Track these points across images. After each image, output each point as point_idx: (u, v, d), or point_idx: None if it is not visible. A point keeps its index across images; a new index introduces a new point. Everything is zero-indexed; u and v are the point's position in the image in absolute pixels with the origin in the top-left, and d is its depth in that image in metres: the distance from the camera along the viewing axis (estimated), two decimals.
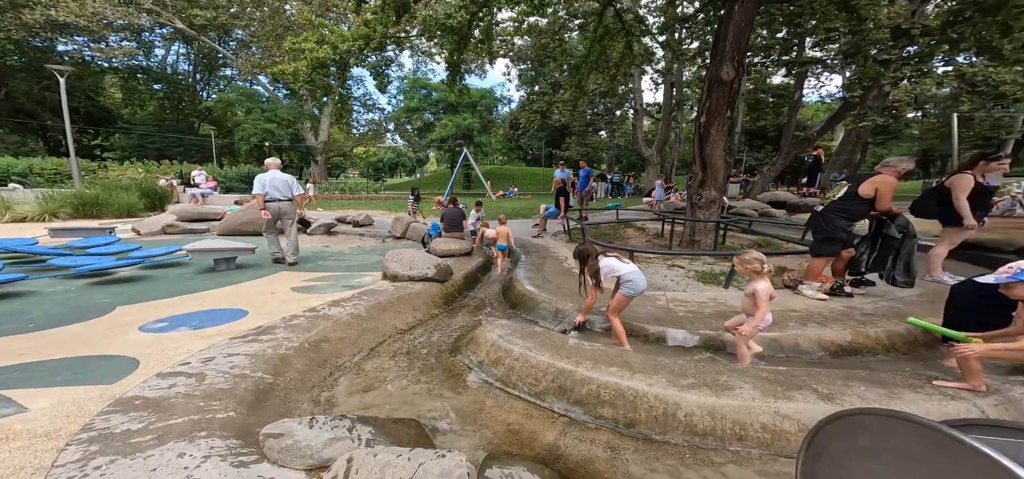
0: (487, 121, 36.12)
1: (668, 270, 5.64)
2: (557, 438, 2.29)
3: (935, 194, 4.45)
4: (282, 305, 4.04)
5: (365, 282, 5.03)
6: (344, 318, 3.70)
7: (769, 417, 2.04)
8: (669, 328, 3.55)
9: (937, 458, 0.85)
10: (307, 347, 3.14)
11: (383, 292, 4.48)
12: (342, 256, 7.00)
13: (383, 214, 14.08)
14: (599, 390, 2.50)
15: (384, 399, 2.76)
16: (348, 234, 10.12)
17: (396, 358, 3.40)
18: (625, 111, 25.41)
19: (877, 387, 2.25)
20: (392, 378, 3.05)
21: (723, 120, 6.60)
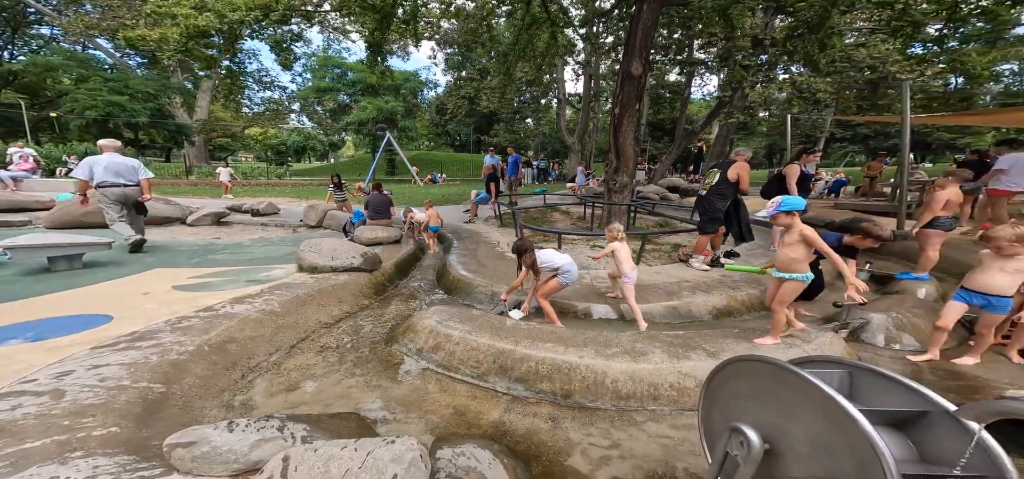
0: (412, 105, 34.30)
1: (591, 250, 6.15)
2: (502, 415, 2.43)
3: (776, 181, 5.63)
4: (163, 307, 3.48)
5: (276, 276, 4.55)
6: (254, 316, 3.33)
7: (675, 377, 2.42)
8: (594, 303, 3.94)
9: (782, 388, 1.09)
10: (208, 350, 2.78)
11: (301, 285, 4.12)
12: (241, 248, 6.19)
13: (290, 202, 12.64)
14: (537, 366, 2.70)
15: (315, 396, 2.60)
16: (246, 224, 8.93)
17: (324, 353, 3.20)
18: (549, 100, 26.29)
19: (744, 341, 2.81)
20: (322, 374, 2.88)
21: (633, 112, 7.30)
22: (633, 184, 8.49)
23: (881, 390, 1.10)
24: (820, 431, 0.98)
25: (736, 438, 1.14)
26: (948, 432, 0.95)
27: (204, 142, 28.77)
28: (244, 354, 2.93)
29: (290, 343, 3.26)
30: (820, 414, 0.98)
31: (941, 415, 0.97)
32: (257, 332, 3.17)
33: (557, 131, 24.04)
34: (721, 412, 1.32)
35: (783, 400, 1.08)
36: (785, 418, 1.07)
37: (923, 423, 1.01)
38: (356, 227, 6.91)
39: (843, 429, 0.93)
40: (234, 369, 2.78)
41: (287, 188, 17.98)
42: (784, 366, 1.11)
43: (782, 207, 2.73)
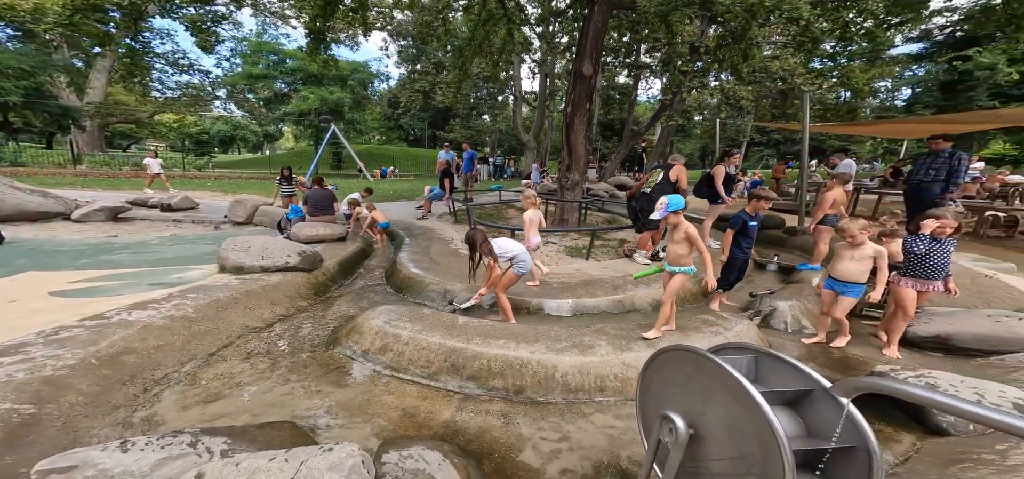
0: (361, 97, 32.41)
1: (543, 246, 6.26)
2: (454, 414, 2.37)
3: (705, 181, 6.14)
4: (33, 316, 2.99)
5: (191, 278, 4.08)
6: (159, 322, 2.92)
7: (619, 368, 2.51)
8: (546, 299, 3.98)
9: (702, 375, 1.15)
10: (95, 363, 2.41)
11: (222, 287, 3.69)
12: (145, 248, 5.48)
13: (214, 196, 11.42)
14: (490, 363, 2.67)
15: (241, 407, 2.34)
16: (155, 221, 7.94)
17: (252, 360, 2.90)
18: (506, 97, 26.30)
19: (678, 332, 2.96)
20: (249, 382, 2.61)
21: (585, 111, 7.51)
22: (584, 182, 8.75)
23: (779, 372, 1.20)
24: (732, 414, 1.05)
25: (666, 425, 1.19)
26: (827, 408, 1.04)
27: (99, 128, 24.77)
28: (146, 365, 2.57)
29: (208, 350, 2.92)
30: (731, 397, 1.05)
31: (821, 392, 1.06)
32: (163, 341, 2.79)
33: (513, 128, 24.15)
34: (654, 400, 1.38)
35: (704, 386, 1.15)
36: (705, 403, 1.13)
37: (809, 401, 1.11)
38: (293, 224, 6.40)
39: (748, 410, 0.99)
40: (132, 383, 2.43)
41: (208, 181, 16.21)
42: (703, 354, 1.17)
43: (669, 208, 2.92)
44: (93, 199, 8.33)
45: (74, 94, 23.82)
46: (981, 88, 15.94)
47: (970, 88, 16.25)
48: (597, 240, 6.54)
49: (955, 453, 1.85)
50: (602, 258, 5.44)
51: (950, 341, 3.12)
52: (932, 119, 7.76)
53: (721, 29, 8.82)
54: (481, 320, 3.18)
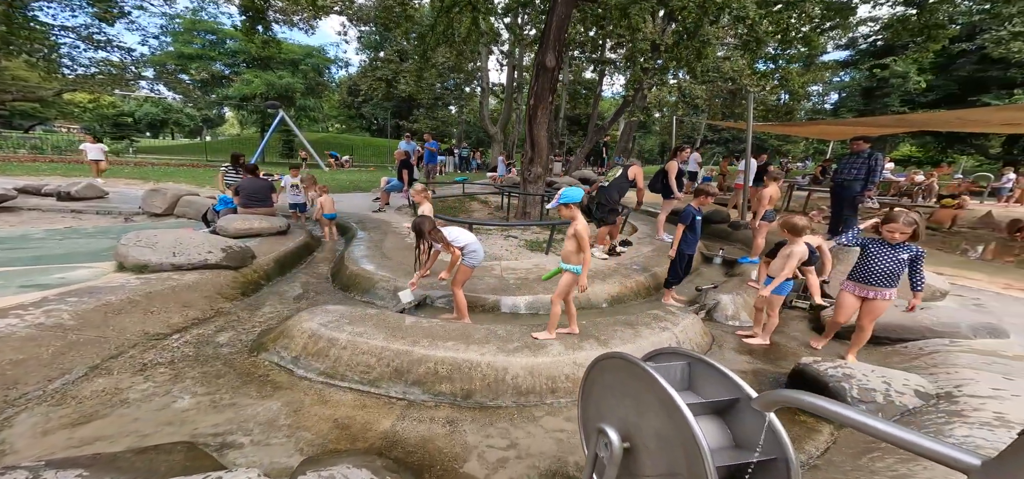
0: (315, 83, 30.33)
1: (504, 240, 6.07)
2: (394, 424, 2.12)
3: (659, 176, 6.27)
4: None
5: (77, 278, 3.49)
6: (20, 332, 2.40)
7: (571, 368, 2.37)
8: (503, 296, 3.80)
9: (635, 384, 1.07)
10: None
11: (116, 289, 3.13)
12: (25, 242, 4.69)
13: (130, 184, 10.17)
14: (437, 367, 2.44)
15: (122, 428, 1.93)
16: (48, 211, 6.88)
17: (147, 372, 2.45)
18: (474, 88, 25.74)
19: (629, 328, 2.85)
20: (139, 399, 2.18)
21: (548, 104, 7.39)
22: (547, 175, 8.67)
23: (711, 380, 1.13)
24: (662, 425, 0.97)
25: (602, 439, 1.09)
26: (752, 417, 0.99)
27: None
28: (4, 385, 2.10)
29: (89, 363, 2.43)
30: (660, 408, 0.97)
31: (747, 402, 1.01)
32: (24, 354, 2.28)
33: (480, 120, 23.74)
34: (595, 409, 1.26)
35: (637, 396, 1.06)
36: (640, 414, 1.04)
37: (736, 410, 1.05)
38: (221, 216, 5.73)
39: (676, 422, 0.92)
40: None
41: (127, 167, 14.43)
42: (635, 362, 1.08)
43: (561, 200, 2.63)
44: None
45: None
46: (894, 94, 17.78)
47: (886, 94, 18.07)
48: (557, 234, 6.48)
49: (868, 442, 1.90)
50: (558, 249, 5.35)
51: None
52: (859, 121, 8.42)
53: (679, 27, 9.04)
54: (431, 320, 2.93)
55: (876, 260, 2.68)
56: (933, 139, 18.48)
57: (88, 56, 25.48)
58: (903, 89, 17.28)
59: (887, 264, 2.65)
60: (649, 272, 4.45)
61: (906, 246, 2.64)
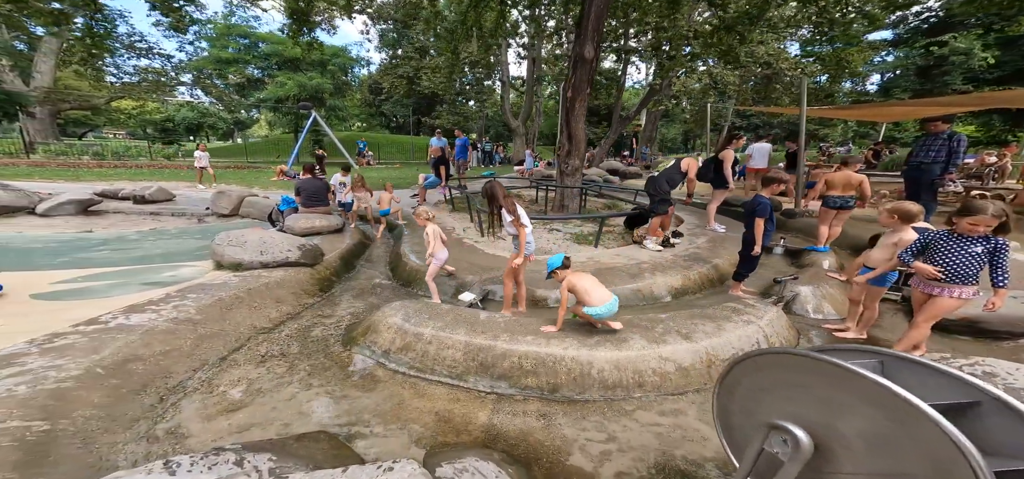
0: (341, 83, 31.14)
1: (548, 234, 6.17)
2: (491, 417, 2.29)
3: (710, 165, 6.13)
4: (17, 322, 2.77)
5: (185, 276, 3.85)
6: (162, 326, 2.75)
7: (656, 362, 2.46)
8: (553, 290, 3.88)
9: (820, 382, 1.02)
10: (102, 372, 2.24)
11: (223, 285, 3.50)
12: (124, 243, 5.15)
13: (190, 187, 10.83)
14: (521, 361, 2.59)
15: (267, 416, 2.21)
16: (129, 214, 7.47)
17: (267, 363, 2.76)
18: (493, 82, 25.77)
19: (709, 321, 2.87)
20: (270, 388, 2.47)
21: (585, 96, 7.36)
22: (583, 167, 8.67)
23: (921, 379, 1.08)
24: (878, 427, 0.94)
25: (778, 436, 1.12)
26: (1006, 424, 0.91)
27: (51, 115, 22.98)
28: (157, 373, 2.40)
29: (219, 355, 2.75)
30: (877, 409, 0.93)
31: (996, 405, 0.93)
32: (171, 345, 2.61)
33: (502, 114, 23.74)
34: (743, 408, 1.32)
35: (824, 394, 1.04)
36: (830, 414, 1.03)
37: (974, 414, 0.97)
38: (286, 216, 6.10)
39: (910, 425, 0.87)
40: (146, 392, 2.26)
41: (182, 171, 15.36)
42: (823, 359, 1.05)
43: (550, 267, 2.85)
44: (58, 191, 7.75)
45: (19, 78, 21.88)
46: (955, 72, 16.49)
47: (945, 72, 16.79)
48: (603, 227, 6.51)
49: None
50: (611, 245, 5.40)
51: (979, 324, 3.12)
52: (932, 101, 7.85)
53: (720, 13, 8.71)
54: (502, 316, 3.08)
55: (945, 256, 2.46)
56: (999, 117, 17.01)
57: (132, 64, 27.03)
58: (966, 67, 15.98)
59: (956, 260, 2.42)
60: (710, 263, 4.44)
61: (982, 238, 2.39)
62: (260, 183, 11.68)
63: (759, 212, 3.54)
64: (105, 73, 26.98)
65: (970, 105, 8.36)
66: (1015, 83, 13.86)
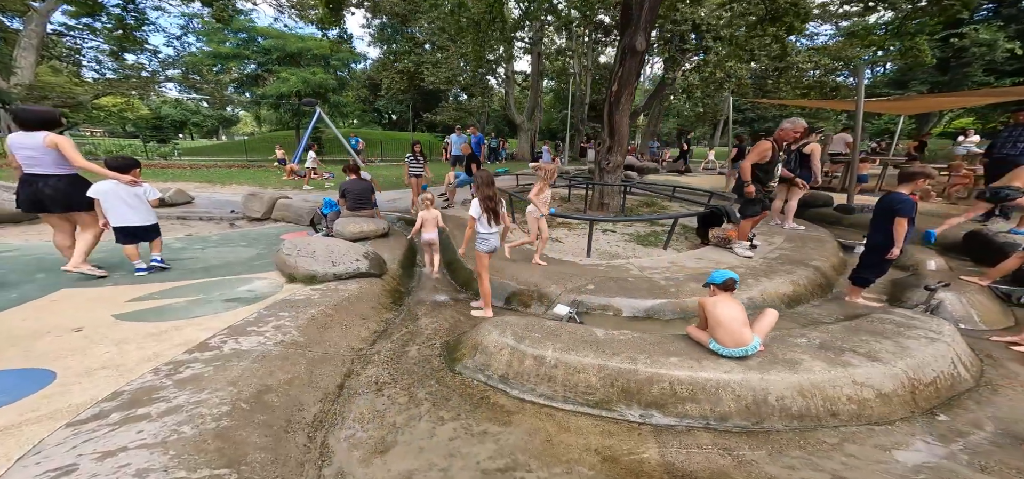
0: (344, 78, 30.43)
1: (603, 235, 5.89)
2: (662, 453, 2.01)
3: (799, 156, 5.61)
4: (123, 348, 2.47)
5: (259, 289, 3.52)
6: (274, 351, 2.47)
7: (850, 387, 2.18)
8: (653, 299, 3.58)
9: None
10: (248, 408, 1.97)
11: (309, 302, 3.20)
12: (175, 252, 4.74)
13: (201, 187, 10.34)
14: (673, 387, 2.31)
15: (419, 458, 1.94)
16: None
17: (383, 392, 2.48)
18: (498, 77, 25.36)
19: (885, 339, 2.53)
20: (404, 424, 2.20)
21: (632, 89, 7.08)
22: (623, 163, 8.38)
23: None
24: None
25: None
26: None
27: None
28: (290, 406, 2.12)
29: (335, 382, 2.47)
30: None
31: None
32: (290, 373, 2.33)
33: (507, 109, 23.38)
34: None
35: None
36: None
37: None
38: (330, 220, 5.73)
39: None
40: (293, 429, 2.00)
41: (185, 170, 14.72)
42: None
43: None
44: None
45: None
46: (976, 64, 16.39)
47: (965, 63, 16.68)
48: (653, 226, 6.24)
49: None
50: (682, 249, 5.12)
51: None
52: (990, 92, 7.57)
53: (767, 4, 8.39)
54: (633, 333, 2.78)
55: None
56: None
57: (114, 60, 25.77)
58: (987, 59, 15.87)
59: None
60: (810, 266, 4.16)
61: None
62: (271, 182, 11.22)
63: (903, 211, 3.19)
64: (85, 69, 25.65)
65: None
66: None
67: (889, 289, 3.97)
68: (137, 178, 3.87)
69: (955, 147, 11.35)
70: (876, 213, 3.49)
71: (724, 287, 2.55)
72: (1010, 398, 2.25)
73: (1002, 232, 4.96)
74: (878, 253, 3.45)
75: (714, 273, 2.62)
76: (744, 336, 2.38)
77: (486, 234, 3.42)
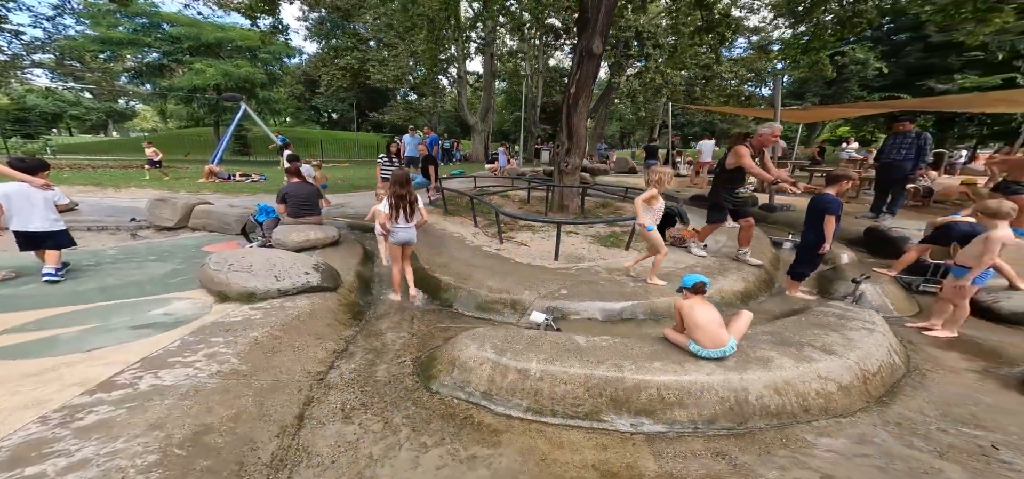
0: (275, 74, 27.60)
1: (567, 237, 5.89)
2: (659, 464, 1.97)
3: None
4: None
5: (180, 312, 3.00)
6: (210, 383, 2.10)
7: (818, 382, 2.30)
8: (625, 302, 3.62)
9: None
10: (184, 454, 1.66)
11: (249, 323, 2.78)
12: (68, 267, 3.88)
13: (85, 191, 8.74)
14: (661, 392, 2.30)
15: None
16: None
17: (353, 419, 2.20)
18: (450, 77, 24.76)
19: (833, 332, 2.72)
20: (382, 454, 1.95)
21: (590, 92, 7.23)
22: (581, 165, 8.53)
23: None
24: None
25: None
26: None
27: None
28: (241, 446, 1.79)
29: (293, 413, 2.13)
30: None
31: None
32: (235, 407, 1.97)
33: (459, 110, 22.95)
34: None
35: None
36: None
37: None
38: (267, 227, 5.07)
39: None
40: (247, 474, 1.67)
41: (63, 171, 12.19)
42: None
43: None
44: None
45: None
46: (853, 80, 19.42)
47: (846, 79, 19.69)
48: (613, 227, 6.40)
49: None
50: (642, 249, 5.26)
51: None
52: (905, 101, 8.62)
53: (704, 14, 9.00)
54: (615, 340, 2.75)
55: None
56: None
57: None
58: (861, 76, 18.87)
59: None
60: (763, 266, 4.47)
61: None
62: (184, 185, 9.77)
63: (830, 210, 3.53)
64: None
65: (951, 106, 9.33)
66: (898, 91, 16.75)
67: (817, 283, 4.43)
68: (48, 181, 3.64)
69: (840, 152, 13.38)
70: (808, 213, 3.85)
71: (695, 290, 2.61)
72: (938, 382, 2.55)
73: (893, 228, 5.79)
74: (811, 249, 3.82)
75: (685, 278, 2.66)
76: (722, 337, 2.45)
77: (396, 228, 3.70)
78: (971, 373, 2.72)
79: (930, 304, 3.69)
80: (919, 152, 5.69)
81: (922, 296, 4.09)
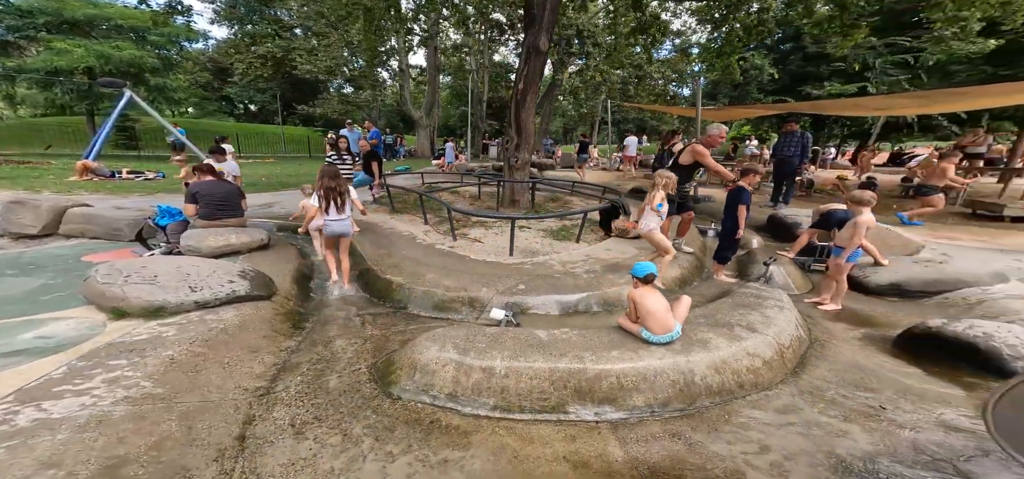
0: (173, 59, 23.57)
1: (520, 231, 5.93)
2: (625, 450, 2.07)
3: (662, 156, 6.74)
4: None
5: (61, 334, 2.53)
6: (116, 411, 1.83)
7: (747, 359, 2.56)
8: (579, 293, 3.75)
9: None
10: None
11: (160, 341, 2.40)
12: None
13: None
14: (620, 380, 2.42)
15: None
16: None
17: (306, 434, 2.01)
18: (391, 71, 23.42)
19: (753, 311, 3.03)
20: (344, 469, 1.82)
21: (537, 88, 7.32)
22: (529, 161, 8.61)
23: None
24: None
25: None
26: None
27: None
28: (172, 475, 1.58)
29: (232, 433, 1.89)
30: None
31: None
32: (155, 434, 1.73)
33: (402, 104, 21.91)
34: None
35: None
36: None
37: None
38: (168, 231, 4.37)
39: None
40: None
41: None
42: None
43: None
44: None
45: None
46: (753, 84, 22.15)
47: (747, 83, 22.42)
48: (563, 221, 6.60)
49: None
50: (591, 241, 5.49)
51: (903, 287, 4.08)
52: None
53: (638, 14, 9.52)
54: (564, 331, 2.81)
55: None
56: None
57: None
58: (759, 80, 21.60)
59: None
60: (694, 254, 4.88)
61: None
62: (47, 184, 8.07)
63: (743, 201, 4.06)
64: None
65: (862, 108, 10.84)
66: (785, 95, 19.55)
67: (736, 266, 4.99)
68: None
69: (745, 148, 15.59)
70: (726, 204, 4.34)
71: (646, 280, 2.78)
72: (835, 351, 3.00)
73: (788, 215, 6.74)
74: (730, 235, 4.34)
75: (636, 267, 2.80)
76: (670, 322, 2.65)
77: (329, 220, 3.75)
78: (855, 341, 3.25)
79: (819, 281, 4.36)
80: (804, 149, 6.73)
81: (813, 275, 4.81)
